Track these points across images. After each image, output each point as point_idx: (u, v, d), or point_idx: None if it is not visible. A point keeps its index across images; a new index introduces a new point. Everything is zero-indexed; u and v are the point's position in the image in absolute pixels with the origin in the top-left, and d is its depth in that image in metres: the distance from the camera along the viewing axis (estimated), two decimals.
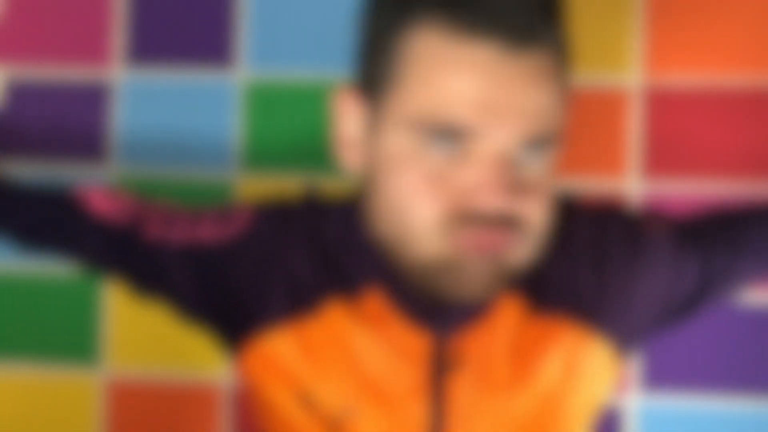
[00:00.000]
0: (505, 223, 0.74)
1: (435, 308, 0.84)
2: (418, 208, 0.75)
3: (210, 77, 1.63)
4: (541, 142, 0.75)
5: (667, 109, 1.56)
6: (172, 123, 1.64)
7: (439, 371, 0.84)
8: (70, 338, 1.64)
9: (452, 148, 0.74)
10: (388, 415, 0.84)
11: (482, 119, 0.72)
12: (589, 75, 1.57)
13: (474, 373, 0.85)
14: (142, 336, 1.63)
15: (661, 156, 1.56)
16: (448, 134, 0.74)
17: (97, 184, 1.55)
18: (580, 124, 1.57)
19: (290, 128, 1.62)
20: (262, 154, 1.62)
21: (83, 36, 1.66)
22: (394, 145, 0.77)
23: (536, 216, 0.76)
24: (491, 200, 0.73)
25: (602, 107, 1.57)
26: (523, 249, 0.77)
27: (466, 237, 0.75)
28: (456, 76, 0.72)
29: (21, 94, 1.67)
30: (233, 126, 1.63)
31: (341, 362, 0.86)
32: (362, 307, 0.87)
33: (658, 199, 1.55)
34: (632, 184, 1.56)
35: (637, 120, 1.56)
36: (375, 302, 0.87)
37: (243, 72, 1.63)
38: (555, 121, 0.76)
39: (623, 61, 1.57)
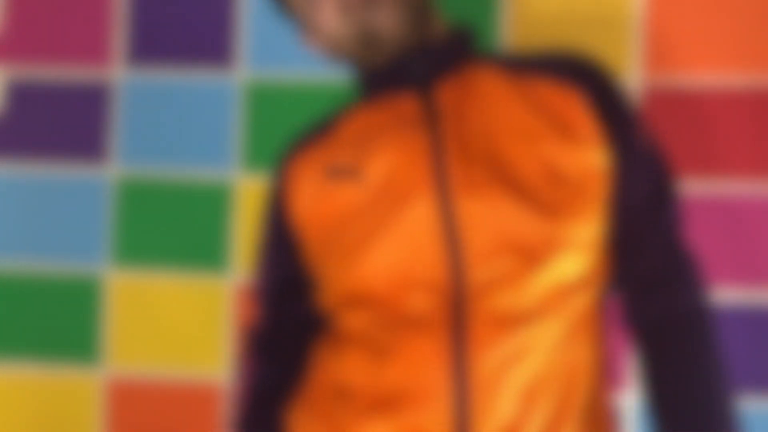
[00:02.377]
0: None
1: (405, 66, 1.05)
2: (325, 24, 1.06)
3: (210, 77, 1.63)
4: None
5: (667, 109, 1.56)
6: (172, 123, 1.64)
7: (430, 116, 1.03)
8: (70, 337, 1.65)
9: None
10: (396, 153, 1.03)
11: None
12: None
13: (458, 117, 1.03)
14: (143, 335, 1.64)
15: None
16: None
17: (97, 185, 1.55)
18: None
19: (290, 128, 1.62)
20: (262, 154, 1.62)
21: (84, 36, 1.66)
22: None
23: None
24: None
25: None
26: (392, 10, 1.01)
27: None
28: None
29: (22, 94, 1.67)
30: (233, 126, 1.63)
31: (353, 137, 1.08)
32: (369, 105, 1.10)
33: None
34: None
35: None
36: (375, 101, 1.10)
37: (243, 72, 1.63)
38: None
39: (623, 61, 1.57)
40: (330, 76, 1.62)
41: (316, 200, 1.07)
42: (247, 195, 1.62)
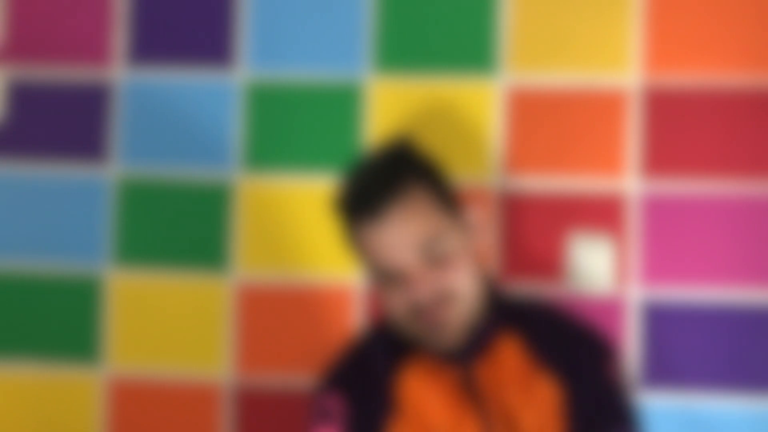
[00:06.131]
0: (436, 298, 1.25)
1: (453, 354, 1.31)
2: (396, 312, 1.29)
3: (210, 77, 1.64)
4: (432, 241, 1.23)
5: (666, 109, 1.56)
6: (172, 123, 1.64)
7: (469, 391, 1.32)
8: (71, 337, 1.65)
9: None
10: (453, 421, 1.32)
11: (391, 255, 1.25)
12: (589, 75, 1.57)
13: (490, 386, 1.32)
14: (143, 335, 1.64)
15: (661, 156, 1.56)
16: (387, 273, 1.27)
17: (96, 185, 1.56)
18: (580, 124, 1.57)
19: (290, 128, 1.62)
20: (262, 154, 1.63)
21: (84, 37, 1.67)
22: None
23: (459, 282, 1.25)
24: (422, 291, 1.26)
25: (602, 107, 1.57)
26: (457, 307, 1.25)
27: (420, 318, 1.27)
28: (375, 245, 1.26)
29: (23, 95, 1.67)
30: (233, 126, 1.63)
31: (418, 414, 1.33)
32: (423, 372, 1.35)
33: (658, 198, 1.55)
34: (632, 184, 1.56)
35: (637, 120, 1.56)
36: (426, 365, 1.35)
37: (243, 72, 1.64)
38: (437, 228, 1.24)
39: (623, 61, 1.57)
40: (330, 76, 1.62)
41: None
42: (247, 195, 1.62)
